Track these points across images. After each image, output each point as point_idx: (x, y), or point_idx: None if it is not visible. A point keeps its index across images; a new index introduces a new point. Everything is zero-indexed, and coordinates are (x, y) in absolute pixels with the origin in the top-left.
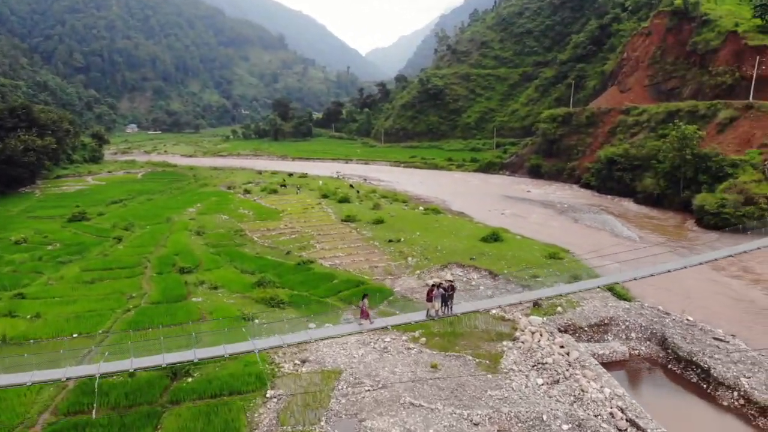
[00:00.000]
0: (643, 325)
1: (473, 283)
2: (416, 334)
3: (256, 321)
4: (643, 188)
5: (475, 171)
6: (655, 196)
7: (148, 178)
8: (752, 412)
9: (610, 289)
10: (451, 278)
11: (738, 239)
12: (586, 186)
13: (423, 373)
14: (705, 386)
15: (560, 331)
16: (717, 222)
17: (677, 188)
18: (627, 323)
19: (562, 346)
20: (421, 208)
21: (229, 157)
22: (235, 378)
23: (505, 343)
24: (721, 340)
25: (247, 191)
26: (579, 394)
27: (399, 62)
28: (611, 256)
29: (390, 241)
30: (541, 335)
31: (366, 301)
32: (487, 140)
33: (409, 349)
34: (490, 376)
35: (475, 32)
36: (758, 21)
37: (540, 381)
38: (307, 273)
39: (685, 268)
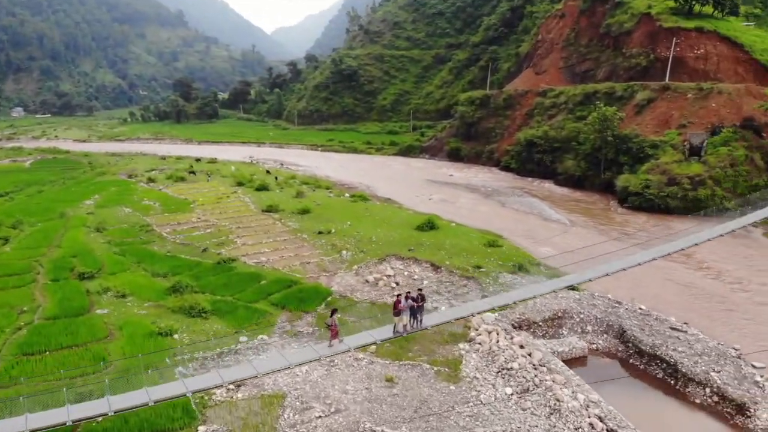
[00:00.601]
0: (598, 317)
1: (415, 277)
2: None
3: (176, 336)
4: (564, 170)
5: (395, 155)
6: (576, 178)
7: (37, 166)
8: (728, 410)
9: (555, 276)
10: (391, 272)
11: (700, 224)
12: (507, 169)
13: (379, 390)
14: (673, 382)
15: (515, 327)
16: (641, 203)
17: (598, 169)
18: (581, 315)
19: (522, 346)
20: (347, 194)
21: (128, 142)
22: (157, 414)
23: (461, 345)
24: (678, 330)
25: (151, 180)
26: (555, 404)
27: (307, 42)
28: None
29: (320, 233)
30: (497, 334)
31: (336, 317)
32: (404, 123)
33: (358, 360)
34: (452, 387)
35: (387, 12)
36: (671, 3)
37: (509, 390)
38: (229, 273)
39: (655, 259)
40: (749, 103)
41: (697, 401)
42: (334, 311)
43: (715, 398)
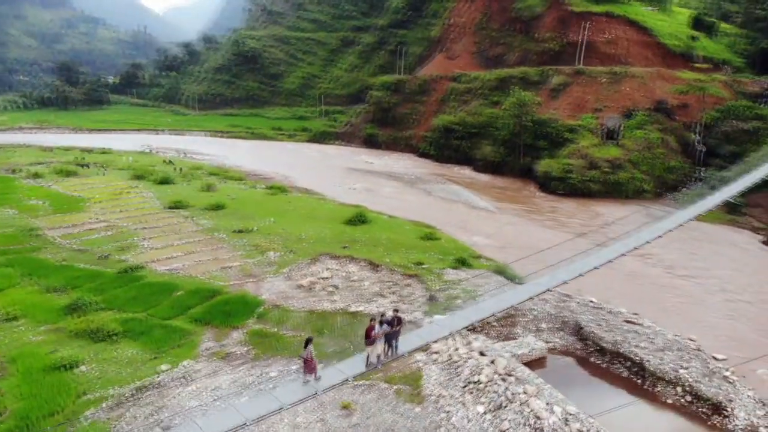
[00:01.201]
0: (552, 312)
1: (354, 278)
2: None
3: (82, 368)
4: (483, 156)
5: (308, 141)
6: (494, 164)
7: None
8: (704, 410)
9: (501, 271)
10: (327, 274)
11: (644, 211)
12: (425, 155)
13: (336, 420)
14: (640, 382)
15: (468, 330)
16: (563, 187)
17: (516, 155)
18: (534, 312)
19: (482, 353)
20: (262, 186)
21: (8, 132)
22: None
23: (418, 357)
24: (633, 323)
25: (36, 175)
26: (535, 422)
27: (202, 22)
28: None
29: (239, 231)
30: (454, 340)
31: (311, 348)
32: (313, 108)
33: (305, 383)
34: (418, 409)
35: None
36: None
37: (480, 408)
38: (137, 284)
39: (624, 255)
40: (660, 87)
41: (669, 401)
42: (308, 341)
43: (689, 398)
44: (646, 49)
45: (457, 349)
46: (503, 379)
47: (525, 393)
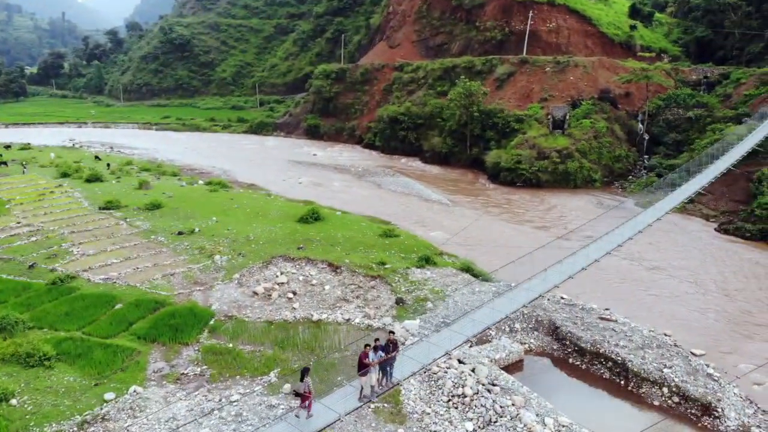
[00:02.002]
0: (524, 312)
1: (314, 282)
2: (272, 378)
3: (14, 402)
4: (431, 147)
5: (246, 132)
6: (443, 155)
7: None
8: (693, 411)
9: (468, 269)
10: (284, 279)
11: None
12: (370, 146)
13: None
14: (623, 383)
15: (439, 333)
16: (513, 178)
17: (464, 146)
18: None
19: (461, 361)
20: (201, 182)
21: None
22: None
23: None
24: (608, 320)
25: None
26: None
27: (126, 9)
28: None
29: (180, 233)
30: (429, 348)
31: (309, 380)
32: (249, 97)
33: (272, 407)
34: (401, 430)
35: None
36: None
37: (470, 426)
38: (70, 297)
39: (609, 253)
40: (603, 76)
41: (656, 403)
42: (305, 372)
43: (676, 399)
44: (587, 38)
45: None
46: (488, 390)
47: (514, 405)
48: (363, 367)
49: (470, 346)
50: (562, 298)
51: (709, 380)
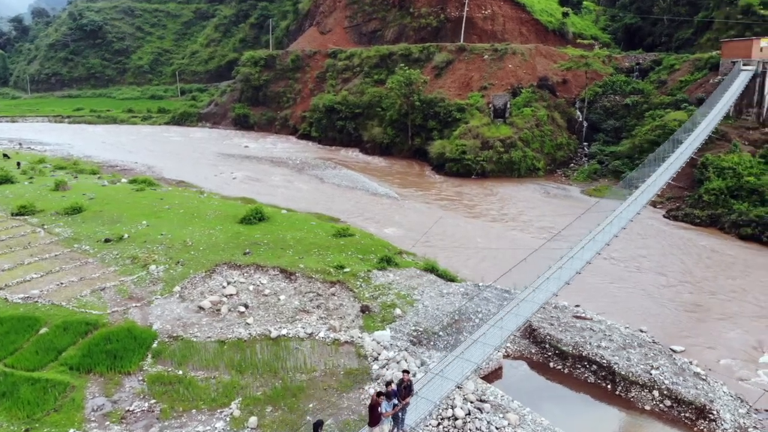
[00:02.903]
0: (497, 313)
1: (266, 291)
2: (234, 410)
3: None
4: (371, 137)
5: (168, 124)
6: (383, 146)
7: None
8: (687, 414)
9: (432, 269)
10: (232, 290)
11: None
12: (306, 137)
13: None
14: (610, 387)
15: (414, 343)
16: (458, 168)
17: (406, 136)
18: (479, 314)
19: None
20: (124, 180)
21: None
22: None
23: (367, 388)
24: (583, 318)
25: None
26: None
27: None
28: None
29: (107, 240)
30: (407, 362)
31: None
32: (168, 86)
33: None
34: None
35: None
36: None
37: None
38: None
39: (598, 253)
40: (541, 63)
41: (647, 408)
42: (318, 426)
43: (668, 402)
44: (522, 25)
45: (415, 374)
46: (479, 409)
47: (509, 424)
48: (375, 417)
49: (441, 350)
50: None
51: (698, 380)
